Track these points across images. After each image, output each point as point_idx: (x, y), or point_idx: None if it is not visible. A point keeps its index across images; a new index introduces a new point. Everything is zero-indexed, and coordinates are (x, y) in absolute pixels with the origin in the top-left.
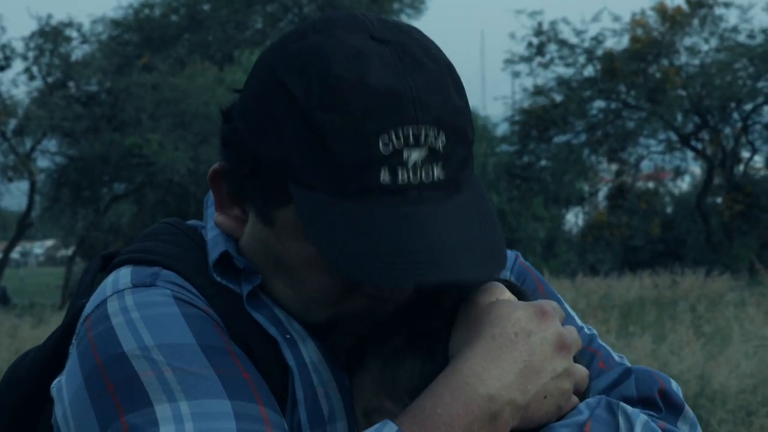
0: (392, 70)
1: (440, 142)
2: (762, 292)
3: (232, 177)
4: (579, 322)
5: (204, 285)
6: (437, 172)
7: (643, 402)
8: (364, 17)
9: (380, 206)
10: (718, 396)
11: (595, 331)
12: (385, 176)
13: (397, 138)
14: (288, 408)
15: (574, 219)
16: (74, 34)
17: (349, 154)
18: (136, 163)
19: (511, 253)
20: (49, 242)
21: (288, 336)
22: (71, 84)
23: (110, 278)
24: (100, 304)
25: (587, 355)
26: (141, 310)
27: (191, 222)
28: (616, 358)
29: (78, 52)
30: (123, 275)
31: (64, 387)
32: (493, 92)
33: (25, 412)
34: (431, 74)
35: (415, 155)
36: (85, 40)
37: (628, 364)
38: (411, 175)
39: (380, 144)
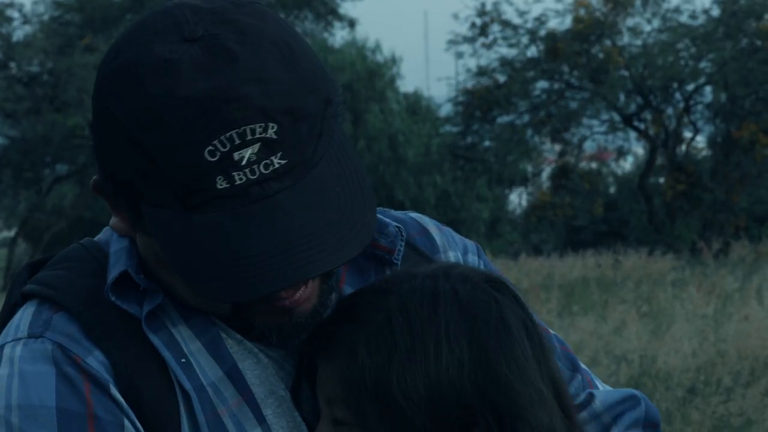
0: (203, 73)
1: (272, 132)
2: (703, 272)
3: (105, 190)
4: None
5: (96, 323)
6: (277, 161)
7: None
8: (178, 11)
9: (224, 212)
10: (661, 375)
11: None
12: (221, 182)
13: (222, 145)
14: None
15: (517, 199)
16: (15, 14)
17: (180, 170)
18: (78, 144)
19: None
20: None
21: (183, 360)
22: (13, 65)
23: (17, 317)
24: (0, 348)
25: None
26: (22, 364)
27: (104, 235)
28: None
29: (19, 32)
30: (25, 318)
31: None
32: (436, 73)
33: None
34: (247, 63)
35: (248, 153)
36: (26, 20)
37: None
38: (248, 173)
39: (206, 155)
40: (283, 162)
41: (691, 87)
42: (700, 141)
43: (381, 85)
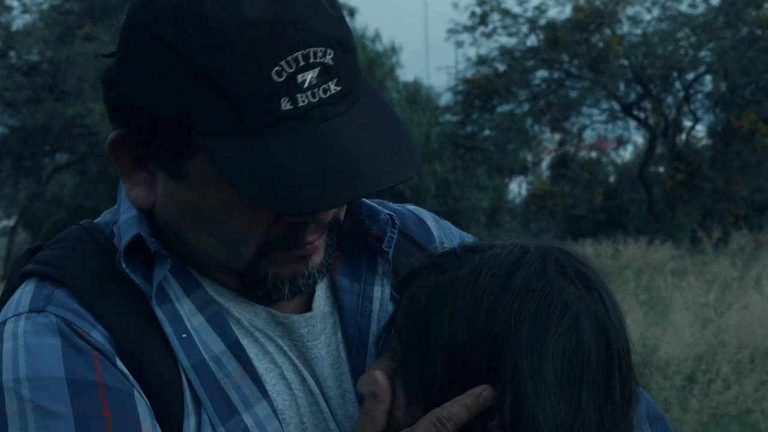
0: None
1: (329, 58)
2: (703, 261)
3: (132, 143)
4: None
5: (97, 301)
6: (333, 87)
7: None
8: None
9: (288, 133)
10: (661, 364)
11: None
12: (285, 104)
13: (289, 65)
14: (189, 408)
15: (517, 188)
16: (15, 3)
17: (246, 92)
18: (78, 134)
19: None
20: None
21: (184, 335)
22: (12, 54)
23: (17, 294)
24: (2, 324)
25: None
26: (27, 338)
27: (104, 217)
28: None
29: (19, 21)
30: (26, 294)
31: None
32: (436, 62)
33: None
34: None
35: (309, 76)
36: (26, 9)
37: None
38: (310, 96)
39: (273, 75)
40: (338, 89)
41: (690, 76)
42: (700, 130)
43: (381, 74)
